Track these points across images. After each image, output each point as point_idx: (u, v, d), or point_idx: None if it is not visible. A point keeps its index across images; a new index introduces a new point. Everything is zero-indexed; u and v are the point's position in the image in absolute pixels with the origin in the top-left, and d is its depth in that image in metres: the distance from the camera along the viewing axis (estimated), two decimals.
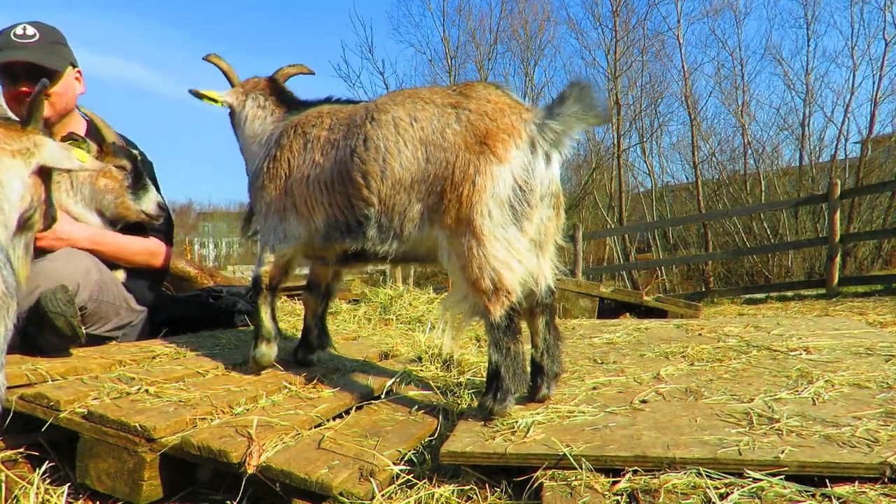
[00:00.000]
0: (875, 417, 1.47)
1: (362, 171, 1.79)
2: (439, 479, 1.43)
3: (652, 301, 5.56)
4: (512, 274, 1.61)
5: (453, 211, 1.64)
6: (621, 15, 18.19)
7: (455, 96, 1.75)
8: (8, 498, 1.50)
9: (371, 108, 1.86)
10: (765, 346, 2.58)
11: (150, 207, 2.54)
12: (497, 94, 1.74)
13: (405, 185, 1.74)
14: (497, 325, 1.61)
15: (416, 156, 1.73)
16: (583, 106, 1.61)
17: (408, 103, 1.78)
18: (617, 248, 18.32)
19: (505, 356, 1.61)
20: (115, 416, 1.50)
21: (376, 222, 1.81)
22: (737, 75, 17.29)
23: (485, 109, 1.68)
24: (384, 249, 1.82)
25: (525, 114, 1.68)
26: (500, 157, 1.62)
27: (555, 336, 1.80)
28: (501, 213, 1.61)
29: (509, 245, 1.61)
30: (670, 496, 1.16)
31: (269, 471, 1.37)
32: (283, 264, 2.08)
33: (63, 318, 1.91)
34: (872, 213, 14.24)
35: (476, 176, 1.62)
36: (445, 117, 1.71)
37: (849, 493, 1.13)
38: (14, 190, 1.50)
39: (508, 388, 1.61)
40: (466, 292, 1.66)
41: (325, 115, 2.01)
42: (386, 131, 1.77)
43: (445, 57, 19.42)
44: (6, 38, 2.42)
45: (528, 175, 1.63)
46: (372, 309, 4.38)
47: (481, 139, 1.64)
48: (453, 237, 1.66)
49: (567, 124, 1.63)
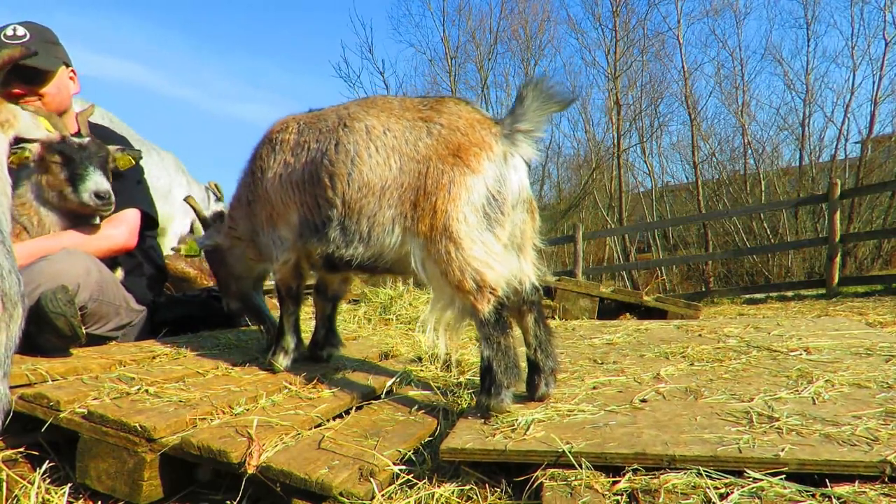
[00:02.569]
0: (875, 416, 1.47)
1: (329, 172, 1.86)
2: (439, 479, 1.43)
3: (652, 301, 5.57)
4: (493, 271, 1.66)
5: (428, 219, 1.70)
6: (621, 15, 18.20)
7: (426, 111, 1.82)
8: (8, 498, 1.50)
9: (343, 114, 1.92)
10: (765, 346, 2.58)
11: (86, 197, 2.35)
12: (467, 109, 1.82)
13: (374, 190, 1.80)
14: (486, 321, 1.66)
15: (389, 163, 1.79)
16: (542, 98, 1.69)
17: (382, 115, 1.85)
18: (617, 248, 18.32)
19: (496, 350, 1.65)
20: (115, 416, 1.50)
21: (339, 224, 1.87)
22: (737, 75, 17.30)
23: (456, 125, 1.76)
24: (349, 253, 1.87)
25: (494, 128, 1.76)
26: (474, 169, 1.70)
27: (546, 332, 1.82)
28: (477, 218, 1.67)
29: (486, 247, 1.67)
30: (670, 496, 1.16)
31: (269, 471, 1.37)
32: (291, 269, 2.14)
33: (63, 318, 1.91)
34: (872, 213, 14.22)
35: (451, 185, 1.69)
36: (417, 130, 1.79)
37: (849, 492, 1.13)
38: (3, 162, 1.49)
39: (502, 382, 1.64)
40: (452, 295, 1.70)
41: (292, 121, 2.09)
42: (357, 136, 1.84)
43: (445, 57, 19.44)
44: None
45: (501, 185, 1.71)
46: (372, 309, 4.38)
47: (454, 152, 1.72)
48: (429, 244, 1.70)
49: (533, 121, 1.72)
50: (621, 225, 17.55)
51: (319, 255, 1.98)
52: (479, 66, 19.56)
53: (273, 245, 2.13)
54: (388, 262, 1.87)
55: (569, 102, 1.74)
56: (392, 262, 1.87)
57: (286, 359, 2.21)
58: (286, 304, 2.23)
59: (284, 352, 2.22)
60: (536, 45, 19.96)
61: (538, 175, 20.52)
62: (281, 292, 2.22)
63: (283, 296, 2.22)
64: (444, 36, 19.48)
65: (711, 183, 17.66)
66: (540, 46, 19.97)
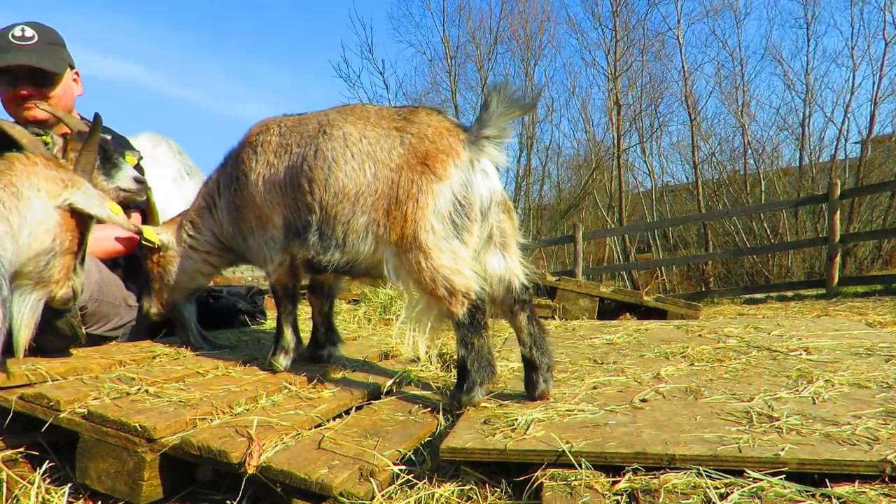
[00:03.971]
0: (875, 416, 1.47)
1: (308, 177, 1.90)
2: (439, 479, 1.42)
3: (652, 301, 5.57)
4: (462, 277, 1.72)
5: (398, 228, 1.75)
6: (621, 15, 18.21)
7: (399, 121, 1.87)
8: (8, 498, 1.50)
9: (324, 121, 1.96)
10: (765, 346, 2.58)
11: (127, 183, 2.42)
12: (438, 119, 1.86)
13: (349, 195, 1.84)
14: (461, 323, 1.72)
15: (363, 168, 1.83)
16: (505, 104, 1.73)
17: (359, 123, 1.90)
18: (617, 248, 18.32)
19: (470, 350, 1.73)
20: (115, 416, 1.50)
21: (318, 229, 1.91)
22: (737, 75, 17.30)
23: (425, 133, 1.80)
24: (327, 259, 1.92)
25: (462, 135, 1.80)
26: (440, 176, 1.74)
27: (539, 329, 1.83)
28: (444, 227, 1.73)
29: (455, 254, 1.73)
30: (670, 496, 1.16)
31: (269, 471, 1.37)
32: (286, 269, 2.14)
33: (63, 318, 1.91)
34: (872, 213, 14.22)
35: (419, 195, 1.74)
36: (391, 139, 1.83)
37: (849, 492, 1.13)
38: (35, 211, 1.39)
39: (475, 380, 1.73)
40: (428, 300, 1.76)
41: (271, 123, 2.11)
42: (335, 143, 1.88)
43: (445, 57, 19.46)
44: (5, 41, 2.40)
45: (467, 191, 1.75)
46: (372, 309, 4.38)
47: (422, 160, 1.77)
48: (401, 254, 1.77)
49: (497, 126, 1.77)
50: (621, 225, 17.55)
51: (301, 259, 2.02)
52: (479, 66, 19.59)
53: (266, 247, 2.14)
54: (364, 267, 1.93)
55: (531, 107, 1.80)
56: (368, 268, 1.93)
57: (286, 359, 2.21)
58: (284, 304, 2.23)
59: (284, 352, 2.22)
60: (536, 45, 20.00)
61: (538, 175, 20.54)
62: (278, 293, 2.22)
63: (281, 295, 2.22)
64: (444, 36, 19.53)
65: (711, 183, 17.66)
66: (540, 46, 20.02)
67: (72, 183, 1.50)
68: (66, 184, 1.49)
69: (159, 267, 2.44)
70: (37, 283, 1.50)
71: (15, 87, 2.44)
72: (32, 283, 1.50)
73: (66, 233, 1.50)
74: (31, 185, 1.41)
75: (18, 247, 1.38)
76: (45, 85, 2.50)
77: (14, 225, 1.35)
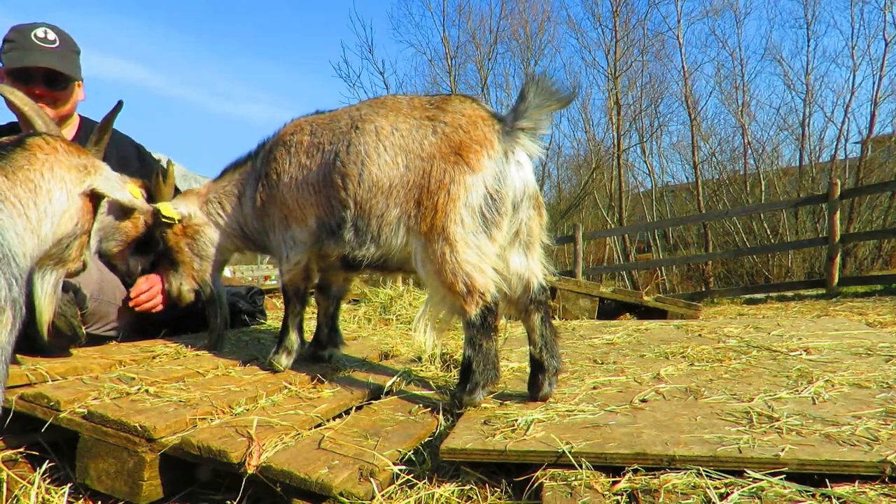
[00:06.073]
0: (875, 417, 1.47)
1: (342, 173, 1.88)
2: (439, 479, 1.43)
3: (652, 301, 5.57)
4: (483, 276, 1.70)
5: (429, 218, 1.73)
6: (621, 15, 18.20)
7: (432, 109, 1.83)
8: (8, 498, 1.50)
9: (355, 116, 1.94)
10: (765, 346, 2.58)
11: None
12: (472, 107, 1.82)
13: (383, 188, 1.82)
14: (472, 323, 1.71)
15: (396, 161, 1.81)
16: (543, 95, 1.70)
17: (391, 115, 1.87)
18: (617, 248, 18.31)
19: (477, 352, 1.72)
20: (115, 416, 1.50)
21: (353, 225, 1.89)
22: (737, 75, 17.30)
23: (459, 122, 1.77)
24: (362, 254, 1.91)
25: (497, 125, 1.76)
26: (473, 167, 1.71)
27: (552, 331, 1.83)
28: (473, 220, 1.70)
29: (480, 251, 1.70)
30: (670, 496, 1.16)
31: (269, 471, 1.37)
32: (301, 270, 2.14)
33: (63, 318, 1.91)
34: (872, 213, 14.22)
35: (451, 185, 1.71)
36: (423, 129, 1.80)
37: (849, 493, 1.13)
38: (58, 202, 1.41)
39: (478, 382, 1.73)
40: (444, 294, 1.74)
41: (305, 123, 2.10)
42: (367, 138, 1.86)
43: (446, 57, 19.44)
44: (28, 40, 2.43)
45: (500, 184, 1.72)
46: (372, 309, 4.38)
47: (456, 150, 1.73)
48: (428, 244, 1.74)
49: (534, 118, 1.72)
50: (621, 225, 17.55)
51: (336, 256, 2.00)
52: (479, 66, 19.58)
53: (284, 245, 2.13)
54: (397, 261, 1.90)
55: (569, 100, 1.75)
56: (401, 261, 1.90)
57: (288, 359, 2.21)
58: (293, 305, 2.22)
59: (287, 352, 2.22)
60: (536, 45, 19.98)
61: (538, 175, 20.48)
62: (288, 293, 2.21)
63: (291, 296, 2.21)
64: (444, 36, 19.50)
65: (711, 183, 17.66)
66: (540, 46, 20.00)
67: (94, 168, 1.52)
68: (89, 170, 1.51)
69: (187, 238, 2.35)
70: (56, 262, 1.55)
71: (29, 86, 2.46)
72: (53, 263, 1.55)
73: (87, 215, 1.54)
74: (53, 177, 1.41)
75: (40, 240, 1.39)
76: (57, 88, 2.54)
77: (33, 220, 1.36)
